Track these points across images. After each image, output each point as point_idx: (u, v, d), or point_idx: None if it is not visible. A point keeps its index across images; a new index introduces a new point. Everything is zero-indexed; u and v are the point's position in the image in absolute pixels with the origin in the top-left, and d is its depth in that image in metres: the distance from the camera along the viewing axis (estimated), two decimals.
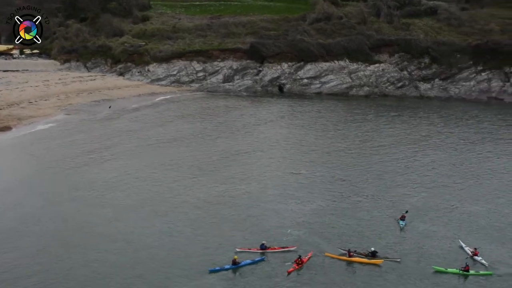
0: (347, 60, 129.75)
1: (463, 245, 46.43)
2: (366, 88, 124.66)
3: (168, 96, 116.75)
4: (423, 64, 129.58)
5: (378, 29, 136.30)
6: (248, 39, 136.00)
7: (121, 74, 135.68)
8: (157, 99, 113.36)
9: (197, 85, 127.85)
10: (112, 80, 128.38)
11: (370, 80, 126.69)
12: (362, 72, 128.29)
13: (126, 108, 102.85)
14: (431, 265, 42.70)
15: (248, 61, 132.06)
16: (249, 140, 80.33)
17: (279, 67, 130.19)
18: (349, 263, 42.74)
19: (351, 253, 42.75)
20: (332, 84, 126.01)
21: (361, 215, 52.26)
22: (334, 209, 53.72)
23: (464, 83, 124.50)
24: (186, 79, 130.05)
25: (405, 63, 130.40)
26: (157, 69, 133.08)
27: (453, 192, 60.39)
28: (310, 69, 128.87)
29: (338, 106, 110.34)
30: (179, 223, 49.29)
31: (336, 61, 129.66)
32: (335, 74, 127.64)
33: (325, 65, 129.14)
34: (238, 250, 43.12)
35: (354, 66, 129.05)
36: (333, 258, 42.89)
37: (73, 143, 75.46)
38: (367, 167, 68.41)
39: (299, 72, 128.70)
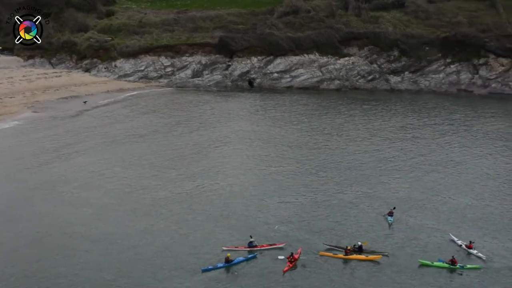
0: (317, 54, 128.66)
1: (455, 238, 46.00)
2: (337, 82, 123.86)
3: (136, 92, 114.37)
4: (392, 57, 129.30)
5: (347, 22, 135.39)
6: (217, 34, 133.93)
7: (87, 70, 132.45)
8: (126, 95, 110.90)
9: (165, 80, 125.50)
10: (78, 76, 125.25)
11: (341, 74, 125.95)
12: (332, 66, 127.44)
13: (95, 104, 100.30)
14: (419, 259, 42.24)
15: (217, 55, 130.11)
16: (222, 135, 79.14)
17: (248, 61, 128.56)
18: (344, 260, 42.02)
19: (348, 251, 41.98)
20: (302, 78, 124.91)
21: (346, 210, 51.70)
22: (318, 204, 53.13)
23: (433, 76, 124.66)
24: (154, 74, 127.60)
25: (375, 56, 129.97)
26: (124, 65, 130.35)
27: (434, 183, 60.18)
28: (280, 63, 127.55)
29: (309, 100, 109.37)
30: (161, 221, 48.02)
31: (306, 55, 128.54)
32: (305, 68, 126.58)
33: (295, 59, 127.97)
34: (224, 248, 42.05)
35: (324, 59, 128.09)
36: (328, 256, 42.15)
37: (42, 141, 73.71)
38: (344, 160, 67.85)
39: (269, 66, 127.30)
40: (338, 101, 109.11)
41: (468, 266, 41.55)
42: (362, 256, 42.15)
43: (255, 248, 42.49)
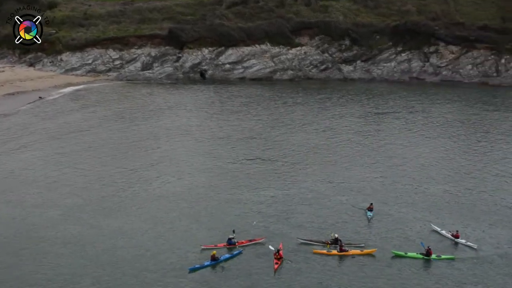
0: (268, 44, 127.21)
1: (438, 229, 45.42)
2: (290, 72, 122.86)
3: (85, 86, 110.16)
4: (343, 46, 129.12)
5: (297, 12, 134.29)
6: (165, 25, 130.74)
7: (31, 64, 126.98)
8: (74, 89, 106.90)
9: (115, 73, 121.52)
10: (23, 71, 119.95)
11: (293, 64, 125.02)
12: (284, 56, 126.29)
13: (45, 100, 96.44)
14: (397, 251, 41.39)
15: (167, 47, 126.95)
16: (178, 129, 77.01)
17: (199, 52, 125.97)
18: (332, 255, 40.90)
19: (342, 247, 40.91)
20: (255, 68, 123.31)
21: (322, 202, 50.80)
22: (292, 196, 52.18)
23: (385, 64, 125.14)
24: (102, 68, 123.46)
25: (326, 45, 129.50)
26: (71, 58, 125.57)
27: (404, 172, 59.93)
28: (231, 54, 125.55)
29: (264, 91, 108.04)
30: (133, 220, 46.02)
31: (257, 45, 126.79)
32: (258, 59, 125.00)
33: (246, 49, 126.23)
34: (203, 247, 40.47)
35: (276, 49, 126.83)
36: (322, 254, 40.97)
37: None
38: (309, 152, 67.13)
39: (220, 58, 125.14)
40: (292, 91, 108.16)
41: (443, 256, 40.85)
42: (358, 251, 41.01)
43: (236, 245, 41.16)
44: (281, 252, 39.25)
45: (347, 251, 40.76)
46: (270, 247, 40.17)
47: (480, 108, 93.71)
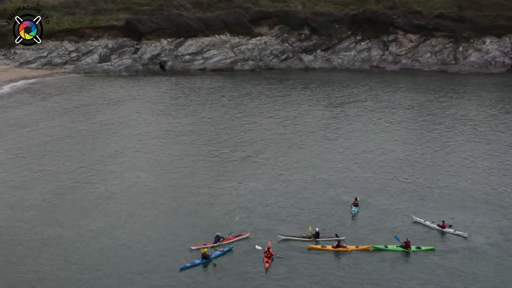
0: (228, 34, 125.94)
1: (421, 220, 45.20)
2: (250, 62, 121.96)
3: (39, 79, 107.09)
4: (303, 35, 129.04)
5: (255, 1, 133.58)
6: (122, 16, 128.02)
7: None
8: (27, 82, 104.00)
9: (71, 66, 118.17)
10: None
11: (254, 54, 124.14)
12: (244, 46, 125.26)
13: None
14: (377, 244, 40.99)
15: (124, 38, 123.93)
16: (141, 123, 75.55)
17: (158, 44, 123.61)
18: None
19: (339, 242, 40.37)
20: (215, 59, 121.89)
21: (303, 195, 50.24)
22: (271, 190, 51.60)
23: (345, 54, 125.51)
24: (58, 60, 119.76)
25: (286, 35, 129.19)
26: (25, 51, 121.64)
27: (381, 163, 59.83)
28: (191, 45, 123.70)
29: (226, 82, 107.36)
30: (112, 219, 44.50)
31: (217, 36, 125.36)
32: (218, 49, 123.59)
33: (206, 40, 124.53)
34: (193, 248, 39.39)
35: (235, 40, 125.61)
36: (317, 249, 40.35)
37: None
38: (279, 143, 66.54)
39: (180, 49, 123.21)
40: (254, 82, 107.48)
41: (423, 248, 40.63)
42: (352, 247, 40.41)
43: (223, 242, 40.28)
44: (271, 250, 38.47)
45: (344, 246, 40.17)
46: (257, 247, 39.34)
47: (445, 96, 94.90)
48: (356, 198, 47.98)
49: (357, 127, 73.41)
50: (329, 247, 40.35)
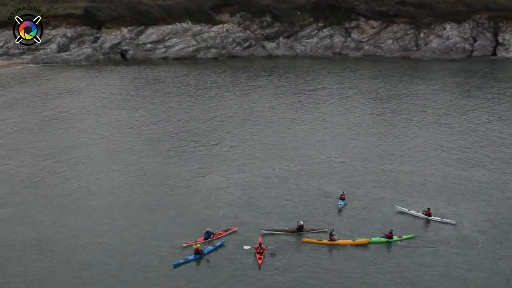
0: (189, 22, 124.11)
1: (405, 209, 45.33)
2: (213, 50, 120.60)
3: None
4: (265, 22, 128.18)
5: None
6: (80, 4, 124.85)
7: None
8: None
9: (29, 56, 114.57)
10: None
11: (216, 42, 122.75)
12: (206, 34, 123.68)
13: None
14: (362, 235, 41.02)
15: (83, 27, 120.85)
16: (103, 113, 74.28)
17: (118, 32, 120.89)
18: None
19: (332, 236, 40.06)
20: (177, 47, 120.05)
21: (285, 186, 50.13)
22: (250, 182, 51.01)
23: (307, 41, 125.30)
24: (15, 50, 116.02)
25: (247, 22, 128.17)
26: None
27: (356, 150, 60.01)
28: (152, 33, 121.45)
29: (189, 71, 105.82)
30: (94, 217, 43.34)
31: (178, 24, 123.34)
32: (179, 37, 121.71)
33: (167, 28, 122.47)
34: (184, 245, 38.76)
35: (197, 27, 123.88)
36: (312, 243, 40.03)
37: None
38: (252, 133, 66.10)
39: (141, 37, 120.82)
40: (218, 70, 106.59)
41: (404, 236, 40.79)
42: (349, 241, 40.18)
43: (213, 238, 39.83)
44: (263, 245, 37.98)
45: (337, 240, 39.98)
46: (245, 247, 38.83)
47: (408, 82, 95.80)
48: (343, 192, 47.54)
49: (325, 115, 73.61)
50: (324, 240, 40.06)
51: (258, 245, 37.90)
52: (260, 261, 36.79)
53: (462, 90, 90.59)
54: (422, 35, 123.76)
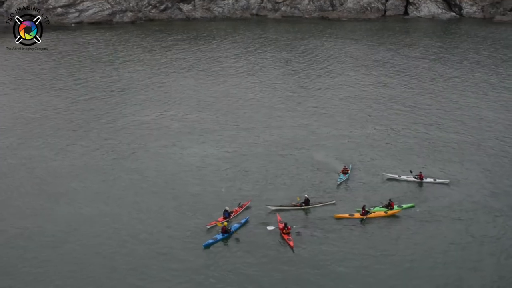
0: None
1: (395, 175, 46.20)
2: (129, 14, 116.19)
3: None
4: None
5: None
6: None
7: None
8: None
9: None
10: None
11: (131, 5, 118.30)
12: None
13: None
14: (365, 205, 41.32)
15: None
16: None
17: None
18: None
19: (364, 211, 40.07)
20: (91, 11, 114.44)
21: (276, 159, 49.88)
22: (240, 156, 50.62)
23: (223, 2, 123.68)
24: None
25: None
26: None
27: (326, 117, 60.87)
28: None
29: (107, 36, 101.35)
30: (101, 205, 41.19)
31: None
32: (92, 0, 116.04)
33: None
34: (208, 226, 38.14)
35: None
36: (344, 218, 39.85)
37: None
38: (208, 102, 65.37)
39: (50, 1, 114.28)
40: (138, 33, 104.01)
41: (404, 206, 41.43)
42: (382, 213, 40.31)
43: (232, 216, 39.48)
44: (289, 226, 37.69)
45: (369, 213, 40.06)
46: (269, 227, 38.40)
47: (330, 41, 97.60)
48: (345, 166, 47.21)
49: (268, 79, 74.41)
50: (357, 215, 40.13)
51: (283, 226, 37.61)
52: (291, 243, 36.25)
53: (385, 48, 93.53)
54: None
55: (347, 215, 40.12)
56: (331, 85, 71.31)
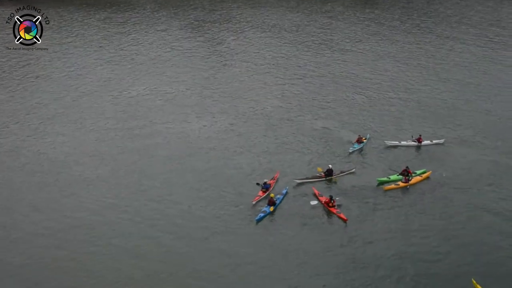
0: None
1: (395, 142, 48.90)
2: None
3: None
4: None
5: None
6: None
7: None
8: None
9: None
10: None
11: None
12: None
13: None
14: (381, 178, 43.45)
15: None
16: None
17: None
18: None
19: (407, 178, 42.50)
20: None
21: (283, 134, 52.30)
22: (248, 132, 53.04)
23: None
24: None
25: None
26: None
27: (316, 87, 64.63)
28: None
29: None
30: (140, 197, 42.61)
31: None
32: None
33: None
34: (253, 202, 40.51)
35: None
36: (393, 189, 42.05)
37: None
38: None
39: None
40: None
41: (418, 172, 43.92)
42: (418, 178, 42.87)
43: (271, 189, 41.84)
44: (334, 199, 39.19)
45: (410, 179, 42.36)
46: (312, 202, 40.20)
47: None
48: (360, 135, 49.45)
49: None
50: (401, 183, 42.25)
51: (329, 199, 39.23)
52: (342, 215, 38.01)
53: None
54: None
55: (394, 186, 42.02)
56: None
